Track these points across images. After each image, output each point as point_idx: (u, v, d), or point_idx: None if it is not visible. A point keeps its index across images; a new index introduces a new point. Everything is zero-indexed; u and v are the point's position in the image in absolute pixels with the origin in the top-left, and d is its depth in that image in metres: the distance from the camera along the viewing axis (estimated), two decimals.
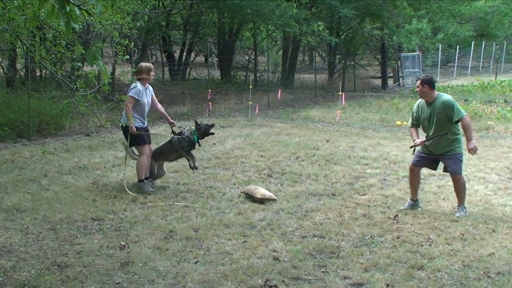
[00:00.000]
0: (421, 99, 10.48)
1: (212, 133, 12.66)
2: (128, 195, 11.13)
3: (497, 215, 10.15)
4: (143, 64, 12.01)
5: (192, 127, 12.24)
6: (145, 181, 11.75)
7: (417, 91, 10.38)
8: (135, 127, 11.44)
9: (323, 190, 11.80)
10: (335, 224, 9.53)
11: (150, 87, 11.95)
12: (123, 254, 8.05)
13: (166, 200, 10.93)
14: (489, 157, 15.26)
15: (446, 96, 10.33)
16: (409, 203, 10.63)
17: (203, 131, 12.21)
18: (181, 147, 11.94)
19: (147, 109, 11.87)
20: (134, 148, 11.92)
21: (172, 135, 12.15)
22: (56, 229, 9.18)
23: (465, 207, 10.33)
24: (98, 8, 6.40)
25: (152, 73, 11.95)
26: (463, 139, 10.40)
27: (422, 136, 10.56)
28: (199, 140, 12.18)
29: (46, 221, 9.56)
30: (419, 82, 10.29)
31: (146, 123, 11.97)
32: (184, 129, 12.24)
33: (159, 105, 12.28)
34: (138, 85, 11.56)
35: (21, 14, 9.86)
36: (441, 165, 10.69)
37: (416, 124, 10.61)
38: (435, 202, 10.89)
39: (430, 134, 10.30)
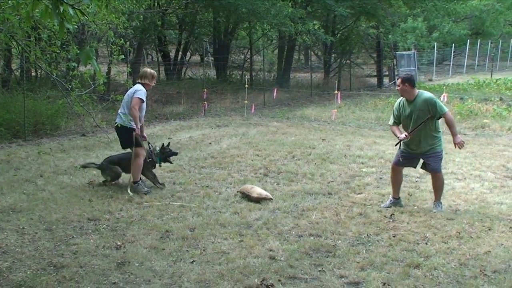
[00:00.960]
0: (401, 98, 10.50)
1: (171, 162, 12.84)
2: (124, 195, 11.11)
3: (493, 213, 10.16)
4: (148, 70, 12.06)
5: (158, 147, 12.44)
6: (140, 182, 11.72)
7: (397, 89, 10.42)
8: (132, 128, 11.45)
9: (319, 189, 11.80)
10: (331, 223, 9.53)
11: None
12: (119, 254, 8.04)
13: (162, 200, 10.92)
14: (485, 155, 15.27)
15: (427, 94, 10.35)
16: (391, 201, 10.66)
17: (165, 155, 12.48)
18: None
19: (143, 113, 11.88)
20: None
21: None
22: (52, 230, 9.17)
23: (441, 203, 10.41)
24: (92, 8, 6.40)
25: (155, 80, 12.00)
26: (443, 138, 10.47)
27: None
28: (161, 162, 12.44)
29: (42, 222, 9.54)
30: (399, 80, 10.33)
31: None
32: (152, 146, 12.32)
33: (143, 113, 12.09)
34: (142, 88, 11.60)
35: (16, 14, 9.85)
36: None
37: (397, 122, 10.65)
38: (431, 201, 10.86)
39: (410, 132, 10.33)
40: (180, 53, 35.54)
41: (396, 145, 10.97)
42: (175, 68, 33.40)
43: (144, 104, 11.71)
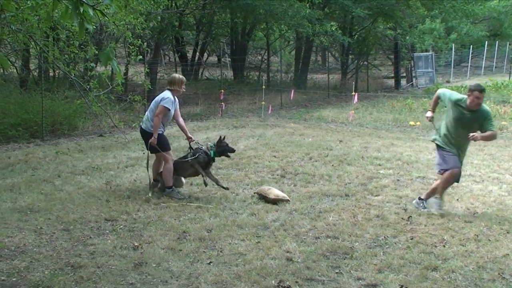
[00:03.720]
0: (463, 97, 10.34)
1: (228, 156, 12.29)
2: (141, 196, 11.13)
3: (511, 216, 10.10)
4: (177, 75, 11.95)
5: (210, 143, 12.06)
6: (173, 187, 11.60)
7: (474, 99, 10.03)
8: (159, 133, 11.41)
9: (336, 191, 11.77)
10: (348, 225, 9.51)
11: (177, 99, 11.78)
12: (137, 255, 8.05)
13: (179, 201, 10.93)
14: (503, 158, 15.21)
15: (487, 108, 10.28)
16: (438, 204, 10.46)
17: (222, 150, 11.90)
18: (197, 162, 11.66)
19: (170, 119, 11.84)
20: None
21: (189, 151, 11.93)
22: (69, 230, 9.19)
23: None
24: (111, 9, 6.40)
25: (184, 86, 11.81)
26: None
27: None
28: (215, 157, 11.90)
29: (59, 222, 9.57)
30: (481, 93, 10.02)
31: (165, 131, 11.91)
32: (202, 146, 11.93)
33: (180, 119, 11.99)
34: (170, 95, 11.47)
35: (35, 14, 9.90)
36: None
37: (441, 104, 10.60)
38: (449, 203, 10.84)
39: (454, 135, 10.23)
40: (197, 53, 35.64)
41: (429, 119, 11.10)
42: (192, 68, 33.45)
43: (171, 112, 11.47)
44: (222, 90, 25.01)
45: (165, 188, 11.56)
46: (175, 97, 11.65)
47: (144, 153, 14.88)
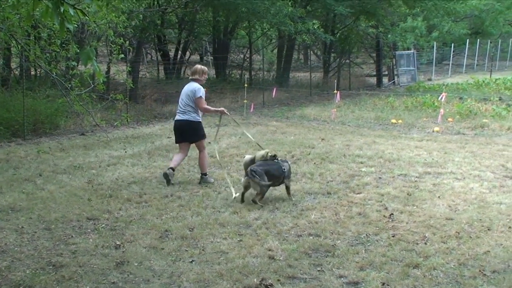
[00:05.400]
0: None
1: None
2: (122, 194, 11.13)
3: (492, 213, 10.14)
4: (199, 66, 12.98)
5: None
6: (207, 173, 12.60)
7: None
8: (198, 121, 12.56)
9: (319, 189, 11.80)
10: (330, 223, 9.53)
11: None
12: (118, 254, 8.04)
13: (162, 199, 10.92)
14: (484, 155, 15.27)
15: None
16: None
17: None
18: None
19: None
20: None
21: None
22: (51, 229, 9.17)
23: None
24: (92, 8, 6.39)
25: (205, 75, 12.88)
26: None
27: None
28: None
29: (41, 221, 9.55)
30: None
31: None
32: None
33: None
34: (197, 84, 12.59)
35: (16, 13, 9.85)
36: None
37: None
38: (431, 201, 10.88)
39: None
40: (180, 52, 35.52)
41: None
42: (174, 67, 33.34)
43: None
44: (205, 89, 24.93)
45: (202, 175, 12.51)
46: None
47: (126, 152, 14.92)
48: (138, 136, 18.38)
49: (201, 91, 12.46)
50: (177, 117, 12.71)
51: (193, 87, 12.53)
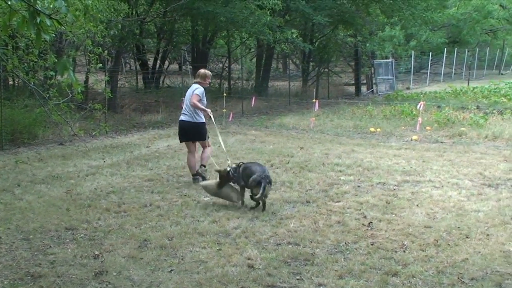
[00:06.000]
0: None
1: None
2: (101, 204, 11.10)
3: (470, 221, 10.19)
4: (202, 70, 13.77)
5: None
6: (206, 168, 13.75)
7: None
8: (200, 122, 13.45)
9: (298, 198, 11.81)
10: (309, 231, 9.54)
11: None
12: (97, 264, 8.01)
13: (140, 209, 10.90)
14: (462, 163, 15.35)
15: None
16: None
17: None
18: None
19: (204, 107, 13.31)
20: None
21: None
22: (29, 239, 9.12)
23: None
24: (69, 17, 6.38)
25: (208, 80, 13.70)
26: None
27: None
28: None
29: (19, 231, 9.50)
30: None
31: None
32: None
33: None
34: (199, 86, 13.33)
35: None
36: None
37: None
38: (409, 209, 10.93)
39: None
40: (159, 61, 35.47)
41: None
42: (153, 76, 33.30)
43: (204, 100, 13.33)
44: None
45: (202, 165, 13.64)
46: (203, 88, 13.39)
47: (104, 162, 14.89)
48: (117, 145, 18.32)
49: (199, 90, 13.15)
50: (181, 117, 13.60)
51: (193, 88, 13.27)
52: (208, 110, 13.21)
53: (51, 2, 8.91)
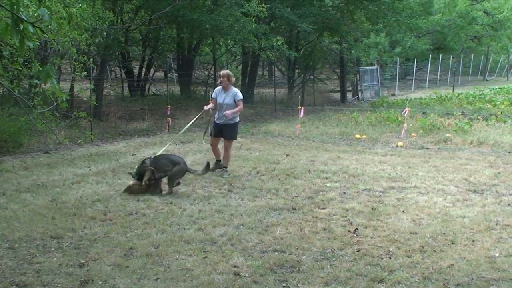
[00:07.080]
0: None
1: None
2: (87, 212, 11.06)
3: (456, 227, 10.24)
4: (221, 71, 15.70)
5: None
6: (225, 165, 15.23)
7: None
8: (236, 123, 15.59)
9: (284, 205, 11.82)
10: (295, 239, 9.55)
11: (232, 92, 15.32)
12: (83, 272, 7.99)
13: (126, 217, 10.87)
14: (448, 169, 15.41)
15: None
16: None
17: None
18: None
19: (222, 107, 15.09)
20: None
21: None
22: (14, 248, 9.08)
23: None
24: (53, 25, 6.37)
25: (223, 78, 15.11)
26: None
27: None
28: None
29: (4, 240, 9.45)
30: None
31: (218, 120, 15.31)
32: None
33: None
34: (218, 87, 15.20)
35: None
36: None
37: None
38: (395, 215, 10.96)
39: None
40: (144, 69, 35.37)
41: None
42: (138, 84, 33.21)
43: (218, 99, 15.23)
44: (169, 106, 24.90)
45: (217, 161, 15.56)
46: (230, 89, 15.32)
47: (90, 170, 14.86)
48: (103, 153, 18.26)
49: (214, 92, 15.41)
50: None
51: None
52: (206, 108, 15.12)
53: (35, 10, 8.91)
